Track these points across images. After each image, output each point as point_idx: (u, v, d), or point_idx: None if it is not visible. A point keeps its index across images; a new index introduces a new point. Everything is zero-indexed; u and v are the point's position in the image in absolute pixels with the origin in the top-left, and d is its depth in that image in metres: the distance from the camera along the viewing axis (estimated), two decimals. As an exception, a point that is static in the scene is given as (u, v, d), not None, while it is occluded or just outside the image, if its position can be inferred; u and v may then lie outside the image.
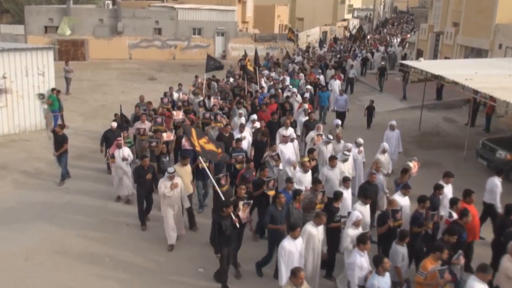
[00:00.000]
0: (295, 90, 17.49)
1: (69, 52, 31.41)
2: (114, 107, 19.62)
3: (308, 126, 13.11)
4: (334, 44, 41.78)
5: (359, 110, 19.66)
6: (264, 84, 18.71)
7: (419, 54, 28.72)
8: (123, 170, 10.91)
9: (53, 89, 16.70)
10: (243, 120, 13.35)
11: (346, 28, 46.49)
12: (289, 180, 8.82)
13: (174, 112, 13.68)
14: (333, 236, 8.08)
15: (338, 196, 8.23)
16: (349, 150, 10.63)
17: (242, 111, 13.84)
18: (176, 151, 12.22)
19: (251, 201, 8.40)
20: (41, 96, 13.58)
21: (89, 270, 8.44)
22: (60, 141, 11.93)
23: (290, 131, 12.31)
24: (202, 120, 13.69)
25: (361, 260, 6.68)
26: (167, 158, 10.66)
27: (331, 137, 11.55)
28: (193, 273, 8.45)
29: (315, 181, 8.91)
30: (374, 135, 15.51)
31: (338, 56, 31.77)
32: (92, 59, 32.30)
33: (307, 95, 17.09)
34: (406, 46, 38.67)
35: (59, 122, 16.83)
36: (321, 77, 21.71)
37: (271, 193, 9.07)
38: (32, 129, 16.39)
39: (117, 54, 32.88)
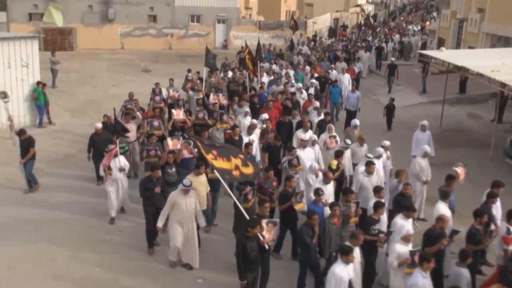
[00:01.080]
0: (300, 85, 17.11)
1: (55, 41, 31.54)
2: (104, 102, 19.70)
3: (322, 127, 12.70)
4: (344, 33, 41.50)
5: (374, 105, 19.58)
6: (265, 79, 18.15)
7: (441, 43, 28.63)
8: (120, 182, 10.39)
9: (38, 82, 16.74)
10: (249, 120, 12.77)
11: (368, 17, 46.11)
12: (318, 192, 8.51)
13: (174, 111, 12.86)
14: (367, 252, 7.60)
15: (379, 206, 8.02)
16: (378, 157, 10.27)
17: (248, 109, 13.45)
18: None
19: (277, 220, 7.97)
20: (2, 94, 13.37)
21: (77, 279, 8.43)
22: (25, 145, 11.40)
23: (309, 134, 11.81)
24: (195, 121, 12.78)
25: (424, 282, 6.34)
26: (173, 169, 10.23)
27: (349, 141, 11.13)
28: (192, 283, 8.45)
29: (347, 191, 8.64)
30: (396, 136, 15.26)
31: (347, 46, 31.32)
32: (80, 49, 32.37)
33: (311, 90, 16.67)
34: (425, 34, 38.38)
35: (45, 118, 16.93)
36: (334, 72, 20.56)
37: (299, 206, 8.81)
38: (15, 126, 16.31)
39: (108, 43, 32.94)
